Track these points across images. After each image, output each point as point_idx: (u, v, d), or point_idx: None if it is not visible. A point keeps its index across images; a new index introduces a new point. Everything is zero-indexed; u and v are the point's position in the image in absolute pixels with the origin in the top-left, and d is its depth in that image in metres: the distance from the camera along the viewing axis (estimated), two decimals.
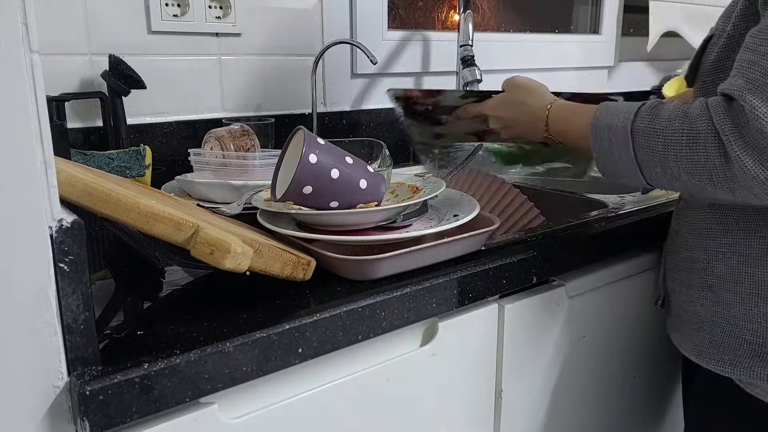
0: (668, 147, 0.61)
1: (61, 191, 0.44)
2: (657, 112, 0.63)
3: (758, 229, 0.66)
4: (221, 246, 0.50)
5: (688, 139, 0.60)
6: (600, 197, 0.99)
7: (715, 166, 0.58)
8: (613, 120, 0.67)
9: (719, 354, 0.70)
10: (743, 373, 0.68)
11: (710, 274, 0.71)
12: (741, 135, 0.56)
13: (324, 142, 0.64)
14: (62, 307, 0.43)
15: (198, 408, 0.50)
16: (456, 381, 0.69)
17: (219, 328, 0.51)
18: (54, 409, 0.45)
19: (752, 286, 0.67)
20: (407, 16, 1.34)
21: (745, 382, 0.69)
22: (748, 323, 0.67)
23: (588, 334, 0.83)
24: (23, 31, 0.39)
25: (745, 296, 0.67)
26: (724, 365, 0.70)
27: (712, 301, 0.70)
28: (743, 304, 0.68)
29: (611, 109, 0.68)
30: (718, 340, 0.70)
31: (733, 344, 0.69)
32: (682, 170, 0.61)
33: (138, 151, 0.86)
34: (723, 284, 0.69)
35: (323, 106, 1.21)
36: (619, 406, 0.93)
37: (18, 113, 0.40)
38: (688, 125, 0.60)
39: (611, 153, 0.67)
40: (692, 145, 0.59)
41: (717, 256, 0.70)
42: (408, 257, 0.63)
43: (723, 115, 0.57)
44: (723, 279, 0.69)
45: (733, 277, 0.68)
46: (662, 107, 0.64)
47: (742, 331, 0.68)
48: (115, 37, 0.96)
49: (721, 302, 0.70)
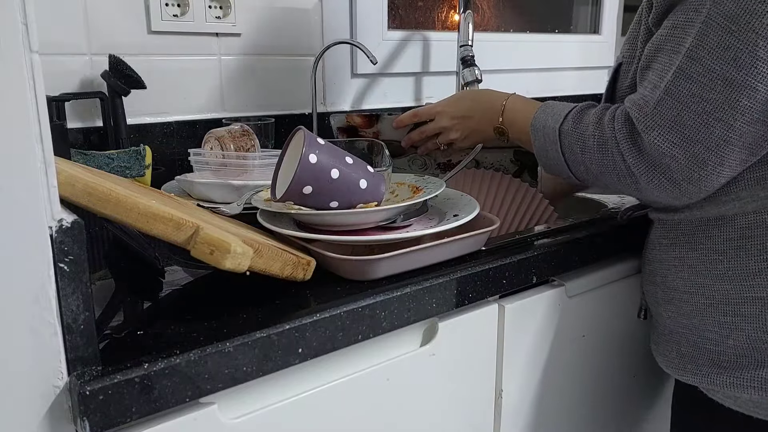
0: (585, 150, 0.68)
1: (61, 191, 0.44)
2: (581, 117, 0.70)
3: (700, 241, 0.68)
4: (221, 246, 0.50)
5: (599, 144, 0.66)
6: (600, 197, 0.99)
7: (621, 170, 0.65)
8: (548, 120, 0.72)
9: (683, 363, 0.72)
10: (703, 380, 0.70)
11: (668, 287, 0.73)
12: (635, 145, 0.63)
13: (324, 142, 0.64)
14: (62, 307, 0.43)
15: (198, 408, 0.50)
16: (456, 381, 0.69)
17: (219, 328, 0.51)
18: (54, 409, 0.45)
19: (705, 297, 0.68)
20: (407, 16, 1.34)
21: (710, 390, 0.71)
22: (708, 333, 0.69)
23: (588, 334, 0.83)
24: (23, 31, 0.39)
25: (701, 307, 0.69)
26: (686, 374, 0.72)
27: (676, 313, 0.72)
28: (701, 314, 0.69)
29: (548, 109, 0.74)
30: (684, 351, 0.72)
31: (695, 354, 0.71)
32: (598, 171, 0.68)
33: (138, 151, 0.86)
34: (681, 296, 0.71)
35: (323, 106, 1.21)
36: (619, 406, 0.93)
37: (18, 113, 0.40)
38: (599, 132, 0.66)
39: (546, 151, 0.73)
40: (602, 149, 0.66)
41: (670, 269, 0.72)
42: (408, 257, 0.63)
43: (621, 126, 0.64)
44: (680, 291, 0.71)
45: (688, 289, 0.70)
46: (587, 112, 0.70)
47: (704, 341, 0.69)
48: (115, 37, 0.96)
49: (682, 314, 0.71)
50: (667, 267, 0.72)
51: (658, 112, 0.61)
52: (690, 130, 0.59)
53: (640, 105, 0.63)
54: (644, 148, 0.62)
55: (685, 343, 0.71)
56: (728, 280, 0.66)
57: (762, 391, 0.65)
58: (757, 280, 0.64)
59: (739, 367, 0.66)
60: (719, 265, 0.66)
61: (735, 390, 0.67)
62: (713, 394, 0.70)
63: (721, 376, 0.68)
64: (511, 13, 1.55)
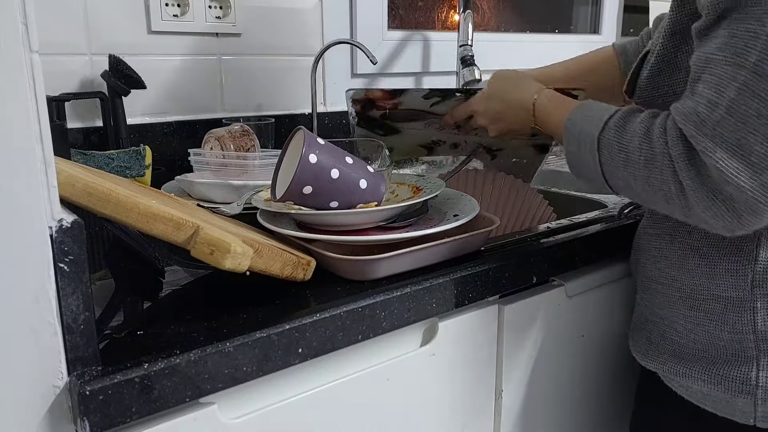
0: (629, 164, 0.61)
1: (61, 191, 0.44)
2: (624, 125, 0.63)
3: (681, 235, 0.68)
4: (221, 246, 0.50)
5: (647, 160, 0.59)
6: (600, 197, 0.99)
7: (671, 191, 0.58)
8: (585, 126, 0.67)
9: (649, 351, 0.74)
10: (662, 368, 0.72)
11: (646, 276, 0.74)
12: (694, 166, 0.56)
13: (324, 142, 0.64)
14: (62, 307, 0.43)
15: (198, 408, 0.50)
16: (456, 381, 0.69)
17: (219, 328, 0.51)
18: (54, 409, 0.45)
19: (676, 290, 0.69)
20: (407, 16, 1.34)
21: (667, 377, 0.73)
22: (675, 324, 0.70)
23: (588, 334, 0.83)
24: (23, 31, 0.39)
25: (672, 299, 0.70)
26: (650, 360, 0.74)
27: (649, 302, 0.74)
28: (671, 306, 0.70)
29: (586, 111, 0.68)
30: (652, 339, 0.74)
31: (661, 342, 0.72)
32: (641, 188, 0.61)
33: (138, 151, 0.86)
34: (656, 286, 0.72)
35: (323, 106, 1.21)
36: (619, 407, 0.93)
37: (18, 113, 0.40)
38: (648, 146, 0.59)
39: (580, 157, 0.67)
40: (650, 166, 0.59)
41: (649, 259, 0.73)
42: (408, 257, 0.63)
43: (675, 142, 0.57)
44: (655, 281, 0.72)
45: (662, 280, 0.71)
46: (631, 119, 0.63)
47: (671, 331, 0.71)
48: (115, 37, 0.96)
49: (655, 303, 0.73)
50: (647, 257, 0.73)
51: (719, 134, 0.54)
52: (758, 156, 0.53)
53: (696, 123, 0.55)
54: (703, 172, 0.55)
55: (655, 331, 0.73)
56: (698, 276, 0.67)
57: (711, 385, 0.67)
58: (724, 279, 0.65)
59: (695, 360, 0.69)
60: (692, 260, 0.67)
61: (687, 380, 0.69)
62: (668, 382, 0.72)
63: (678, 366, 0.70)
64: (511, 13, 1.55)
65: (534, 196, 0.96)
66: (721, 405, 0.67)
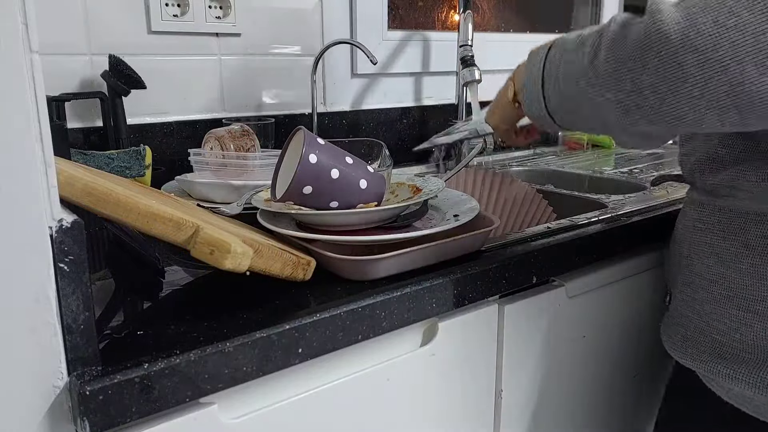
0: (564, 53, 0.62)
1: (61, 191, 0.44)
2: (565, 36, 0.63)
3: (735, 232, 0.67)
4: (221, 246, 0.50)
5: (577, 44, 0.60)
6: (600, 197, 0.99)
7: (583, 64, 0.58)
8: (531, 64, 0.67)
9: (686, 347, 0.72)
10: (703, 367, 0.70)
11: (691, 271, 0.72)
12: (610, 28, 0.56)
13: (324, 142, 0.64)
14: (62, 307, 0.43)
15: (198, 408, 0.50)
16: (456, 381, 0.69)
17: (219, 328, 0.51)
18: (54, 409, 0.45)
19: (724, 288, 0.68)
20: (407, 16, 1.34)
21: (706, 377, 0.71)
22: (717, 323, 0.69)
23: (588, 334, 0.83)
24: (23, 31, 0.39)
25: (717, 297, 0.69)
26: (687, 357, 0.72)
27: (690, 297, 0.72)
28: (715, 303, 0.69)
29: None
30: (690, 335, 0.72)
31: (700, 339, 0.71)
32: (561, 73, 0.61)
33: (138, 151, 0.86)
34: (700, 282, 0.71)
35: (323, 106, 1.21)
36: (619, 407, 0.93)
37: (18, 113, 0.40)
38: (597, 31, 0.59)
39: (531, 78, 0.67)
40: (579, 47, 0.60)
41: (698, 254, 0.71)
42: (408, 257, 0.63)
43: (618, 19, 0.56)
44: (701, 277, 0.71)
45: (709, 277, 0.70)
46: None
47: (711, 329, 0.69)
48: (115, 37, 0.96)
49: (697, 299, 0.71)
50: (695, 251, 0.71)
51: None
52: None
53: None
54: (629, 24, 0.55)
55: (692, 327, 0.71)
56: (750, 275, 0.66)
57: (756, 389, 0.65)
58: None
59: (740, 361, 0.67)
60: (746, 259, 0.66)
61: (730, 382, 0.67)
62: (707, 381, 0.71)
63: (720, 366, 0.68)
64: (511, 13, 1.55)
65: (534, 196, 0.96)
66: (764, 409, 0.66)
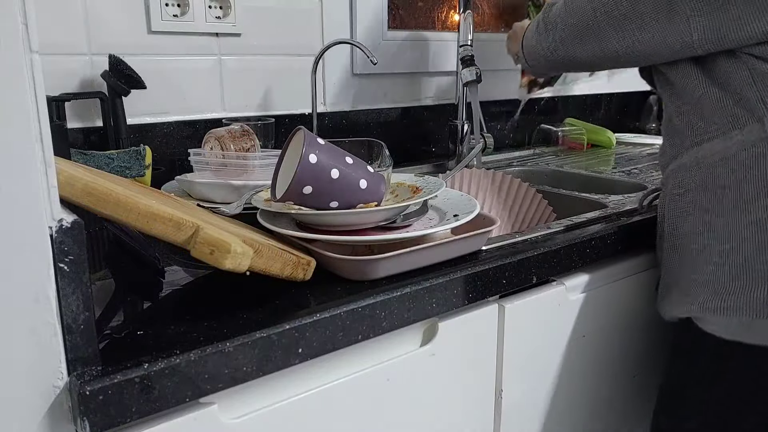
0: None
1: (61, 191, 0.44)
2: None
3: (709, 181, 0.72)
4: (221, 246, 0.50)
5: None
6: (600, 197, 0.99)
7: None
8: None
9: (680, 298, 0.75)
10: (698, 309, 0.73)
11: (676, 235, 0.76)
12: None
13: (324, 142, 0.64)
14: (62, 307, 0.43)
15: (198, 408, 0.50)
16: (456, 381, 0.69)
17: (219, 328, 0.51)
18: (54, 409, 0.45)
19: (710, 231, 0.72)
20: (407, 16, 1.33)
21: (702, 320, 0.73)
22: (707, 266, 0.72)
23: (588, 334, 0.83)
24: (23, 31, 0.39)
25: (705, 242, 0.72)
26: (682, 306, 0.75)
27: (680, 257, 0.76)
28: (705, 250, 0.72)
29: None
30: (683, 286, 0.75)
31: (694, 287, 0.73)
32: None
33: (138, 151, 0.86)
34: (688, 239, 0.74)
35: (323, 106, 1.21)
36: (619, 407, 0.93)
37: (18, 113, 0.40)
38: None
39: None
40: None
41: (681, 215, 0.75)
42: (408, 257, 0.63)
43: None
44: (687, 235, 0.75)
45: (696, 230, 0.73)
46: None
47: (703, 275, 0.72)
48: (115, 37, 0.96)
49: (686, 253, 0.75)
50: (678, 214, 0.76)
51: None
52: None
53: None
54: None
55: (684, 280, 0.75)
56: (730, 211, 0.70)
57: (753, 312, 0.68)
58: (754, 205, 0.68)
59: (733, 291, 0.70)
60: (724, 198, 0.70)
61: (727, 314, 0.70)
62: (704, 324, 0.73)
63: (714, 302, 0.71)
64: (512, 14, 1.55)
65: (534, 196, 0.96)
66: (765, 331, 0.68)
